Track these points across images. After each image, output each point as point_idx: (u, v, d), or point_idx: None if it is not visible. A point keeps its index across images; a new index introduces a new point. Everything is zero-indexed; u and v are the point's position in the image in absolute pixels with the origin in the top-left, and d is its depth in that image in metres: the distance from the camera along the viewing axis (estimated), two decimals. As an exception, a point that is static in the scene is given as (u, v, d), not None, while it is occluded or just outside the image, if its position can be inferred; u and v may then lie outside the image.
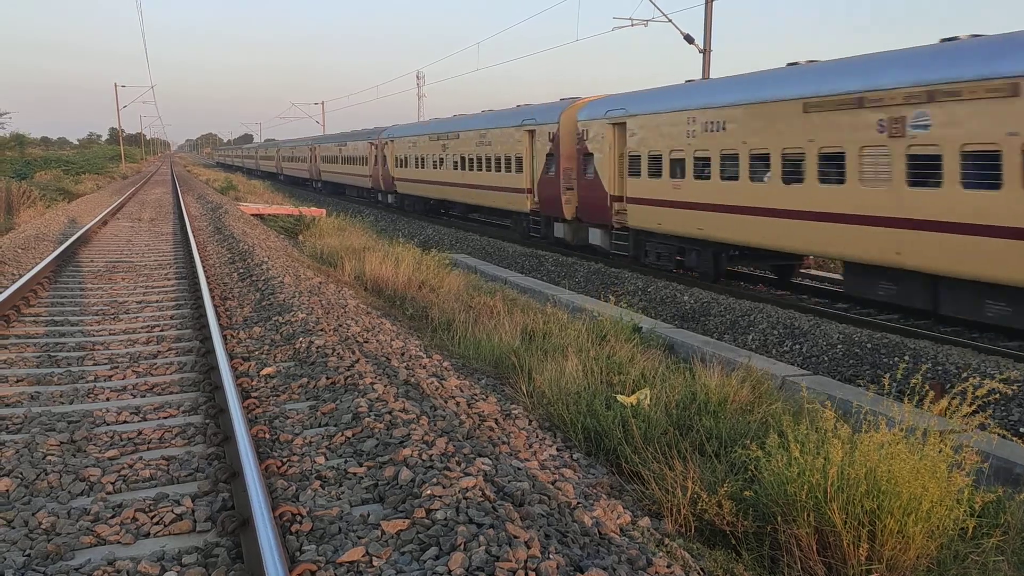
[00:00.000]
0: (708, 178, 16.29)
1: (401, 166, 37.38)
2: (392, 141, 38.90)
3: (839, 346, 12.20)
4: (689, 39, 24.27)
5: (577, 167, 21.45)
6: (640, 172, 18.58)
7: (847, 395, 8.35)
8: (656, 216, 18.12)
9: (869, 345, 11.92)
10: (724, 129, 15.75)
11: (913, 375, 10.76)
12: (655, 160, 18.05)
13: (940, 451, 4.58)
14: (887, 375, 10.83)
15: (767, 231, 14.78)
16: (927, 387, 5.48)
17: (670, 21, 24.70)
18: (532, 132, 23.77)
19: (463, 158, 29.32)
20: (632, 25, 25.52)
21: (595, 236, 21.27)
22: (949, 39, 12.11)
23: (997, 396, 5.03)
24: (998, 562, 4.58)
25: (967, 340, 11.95)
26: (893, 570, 4.29)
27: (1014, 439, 6.28)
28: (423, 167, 34.09)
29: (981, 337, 12.42)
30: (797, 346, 12.68)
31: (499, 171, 26.15)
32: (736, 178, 15.43)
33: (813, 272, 18.67)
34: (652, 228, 18.53)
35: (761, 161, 14.84)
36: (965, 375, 10.43)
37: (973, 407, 5.17)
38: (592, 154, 20.60)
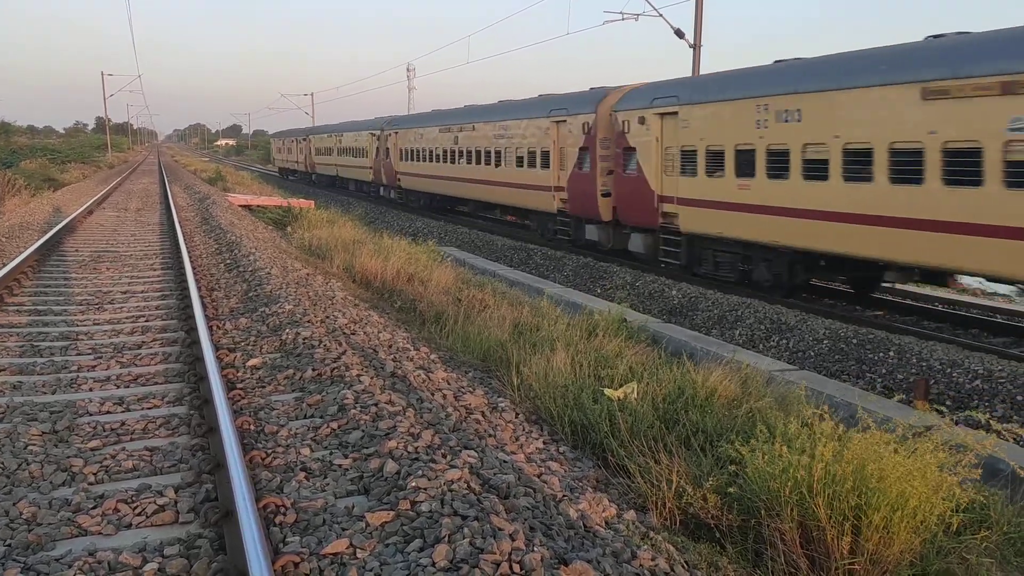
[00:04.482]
0: (786, 177, 13.92)
1: (406, 159, 34.63)
2: (396, 132, 35.97)
3: (825, 341, 12.26)
4: (680, 33, 24.26)
5: (616, 163, 19.02)
6: (696, 169, 16.17)
7: (833, 390, 8.38)
8: (717, 220, 15.66)
9: (855, 340, 11.97)
10: (802, 120, 13.44)
11: (898, 371, 10.86)
12: (715, 156, 15.61)
13: (933, 454, 4.57)
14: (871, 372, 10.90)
15: (868, 240, 12.51)
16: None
17: (660, 15, 24.69)
18: (561, 123, 21.27)
19: (478, 152, 26.77)
20: (623, 19, 25.50)
21: (636, 241, 18.75)
22: None
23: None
24: (980, 557, 4.61)
25: (951, 336, 12.02)
26: (876, 564, 4.30)
27: (1009, 438, 6.30)
28: (431, 161, 31.44)
29: (965, 333, 12.50)
30: (784, 341, 12.72)
31: (520, 166, 23.58)
32: (824, 177, 13.12)
33: (900, 287, 16.10)
34: (711, 233, 16.02)
35: (860, 157, 12.57)
36: (950, 371, 10.50)
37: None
38: (634, 148, 18.16)
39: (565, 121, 21.19)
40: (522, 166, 23.59)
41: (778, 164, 14.13)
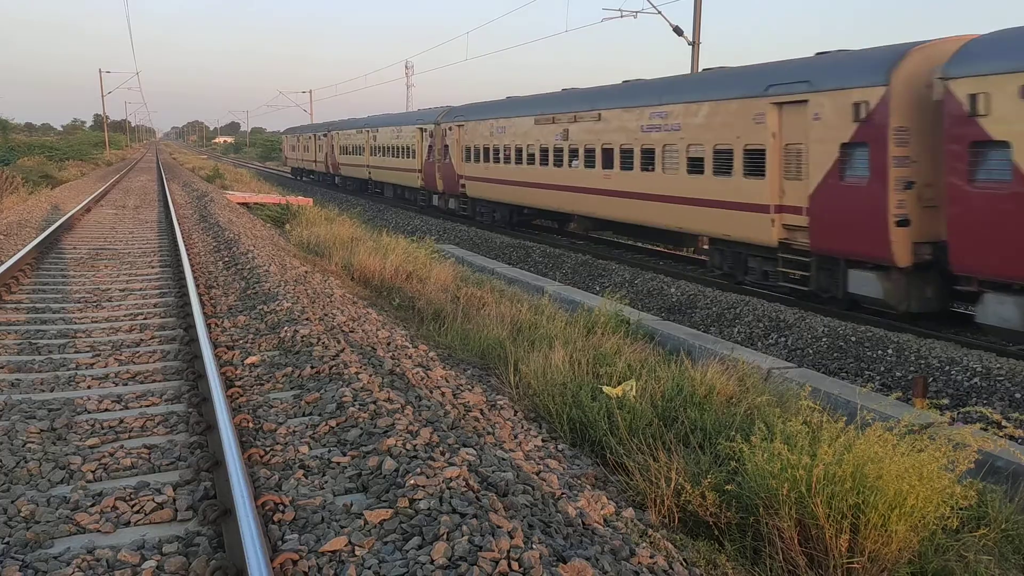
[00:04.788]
0: None
1: (476, 159, 27.08)
2: (460, 125, 28.44)
3: (824, 339, 12.27)
4: (678, 31, 24.26)
5: (951, 167, 11.28)
6: None
7: (832, 388, 8.39)
8: None
9: (853, 338, 11.98)
10: None
11: (897, 368, 10.87)
12: None
13: (931, 453, 4.57)
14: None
15: None
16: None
17: (659, 13, 24.68)
18: (793, 106, 13.82)
19: (607, 150, 19.22)
20: (621, 16, 25.48)
21: (1006, 309, 10.84)
22: None
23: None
24: (979, 555, 4.62)
25: (950, 334, 12.02)
26: (875, 562, 4.31)
27: (1005, 436, 6.31)
28: (519, 162, 24.00)
29: (964, 331, 12.50)
30: (782, 339, 12.73)
31: (696, 172, 16.05)
32: None
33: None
34: None
35: None
36: (948, 368, 10.52)
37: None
38: (1004, 143, 10.56)
39: (804, 102, 13.56)
40: (700, 172, 15.98)
41: None
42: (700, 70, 19.91)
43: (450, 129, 29.45)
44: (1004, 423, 5.54)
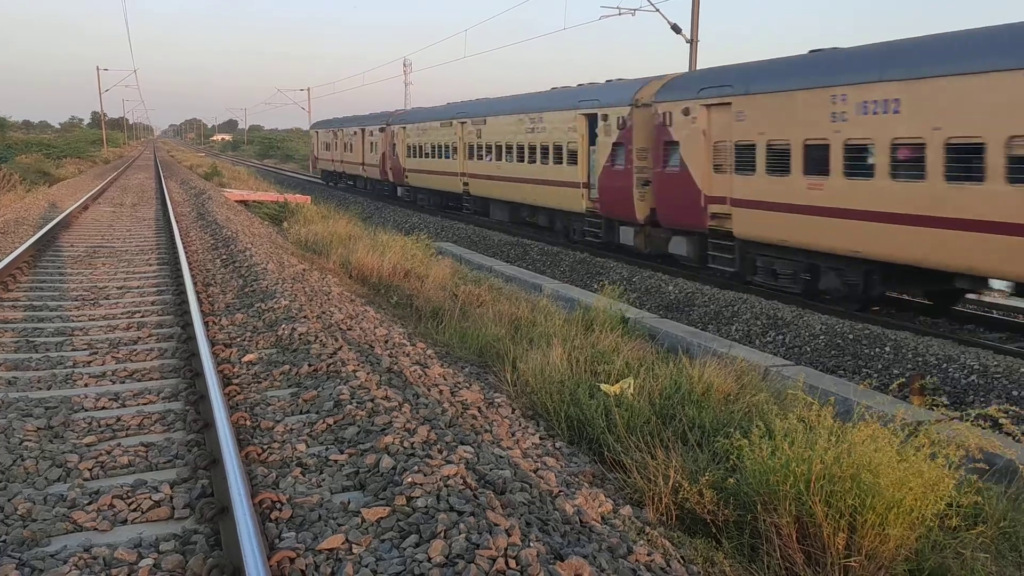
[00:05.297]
0: None
1: (773, 170, 14.00)
2: (724, 105, 15.10)
3: (821, 337, 12.27)
4: (676, 29, 24.23)
5: None
6: None
7: (829, 386, 8.38)
8: None
9: (851, 336, 11.98)
10: None
11: (894, 366, 10.87)
12: None
13: (926, 455, 4.55)
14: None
15: None
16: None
17: (657, 11, 24.65)
18: None
19: None
20: (620, 14, 25.46)
21: None
22: None
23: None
24: (976, 552, 4.62)
25: (947, 331, 12.04)
26: (872, 560, 4.31)
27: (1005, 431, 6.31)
28: (970, 177, 10.57)
29: (961, 329, 12.52)
30: (780, 336, 12.73)
31: None
32: None
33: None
34: None
35: None
36: (945, 366, 10.52)
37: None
38: None
39: None
40: None
41: None
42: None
43: (685, 112, 16.20)
44: (1003, 420, 5.54)
